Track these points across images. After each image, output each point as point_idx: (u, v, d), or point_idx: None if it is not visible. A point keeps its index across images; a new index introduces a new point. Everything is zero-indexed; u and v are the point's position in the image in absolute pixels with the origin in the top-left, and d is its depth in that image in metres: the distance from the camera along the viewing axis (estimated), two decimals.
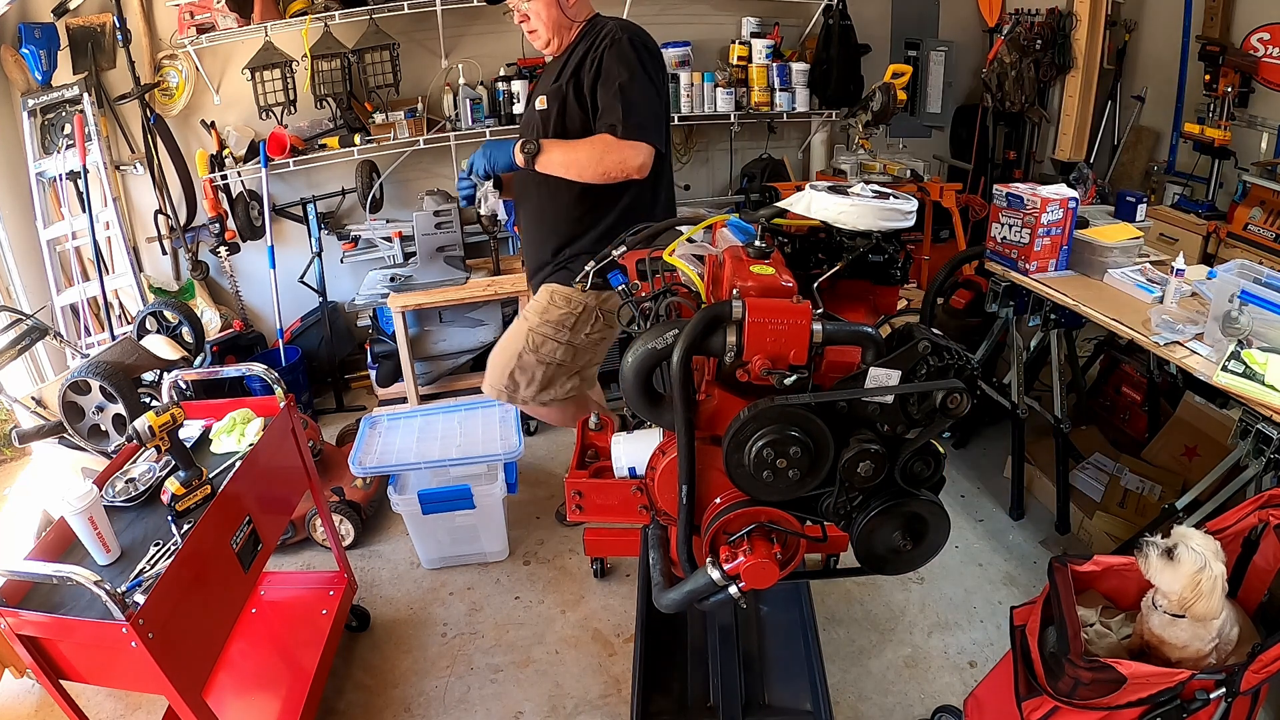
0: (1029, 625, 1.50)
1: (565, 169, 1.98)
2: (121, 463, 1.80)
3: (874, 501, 1.24)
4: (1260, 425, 1.76)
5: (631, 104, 1.94)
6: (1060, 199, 2.21)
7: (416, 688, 2.12)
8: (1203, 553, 1.34)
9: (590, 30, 2.08)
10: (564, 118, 2.06)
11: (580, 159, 1.97)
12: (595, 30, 2.05)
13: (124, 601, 1.28)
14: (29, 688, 2.13)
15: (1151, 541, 1.37)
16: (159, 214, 3.41)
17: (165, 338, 2.38)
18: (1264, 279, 1.90)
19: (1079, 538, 2.55)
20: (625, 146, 1.93)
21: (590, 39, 2.04)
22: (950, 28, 4.26)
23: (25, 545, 1.67)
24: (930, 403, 1.16)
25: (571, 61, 2.05)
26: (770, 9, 3.85)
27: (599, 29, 2.05)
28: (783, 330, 1.18)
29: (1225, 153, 3.23)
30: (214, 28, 3.20)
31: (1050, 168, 4.14)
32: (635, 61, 1.97)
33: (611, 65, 1.95)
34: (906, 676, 2.09)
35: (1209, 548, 1.36)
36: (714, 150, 4.18)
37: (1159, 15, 3.74)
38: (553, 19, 2.06)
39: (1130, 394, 2.90)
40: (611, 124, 1.94)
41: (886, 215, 1.58)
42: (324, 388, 3.73)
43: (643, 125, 1.95)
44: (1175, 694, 1.28)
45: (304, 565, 2.61)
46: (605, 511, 1.61)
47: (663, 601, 1.44)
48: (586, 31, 2.08)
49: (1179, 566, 1.33)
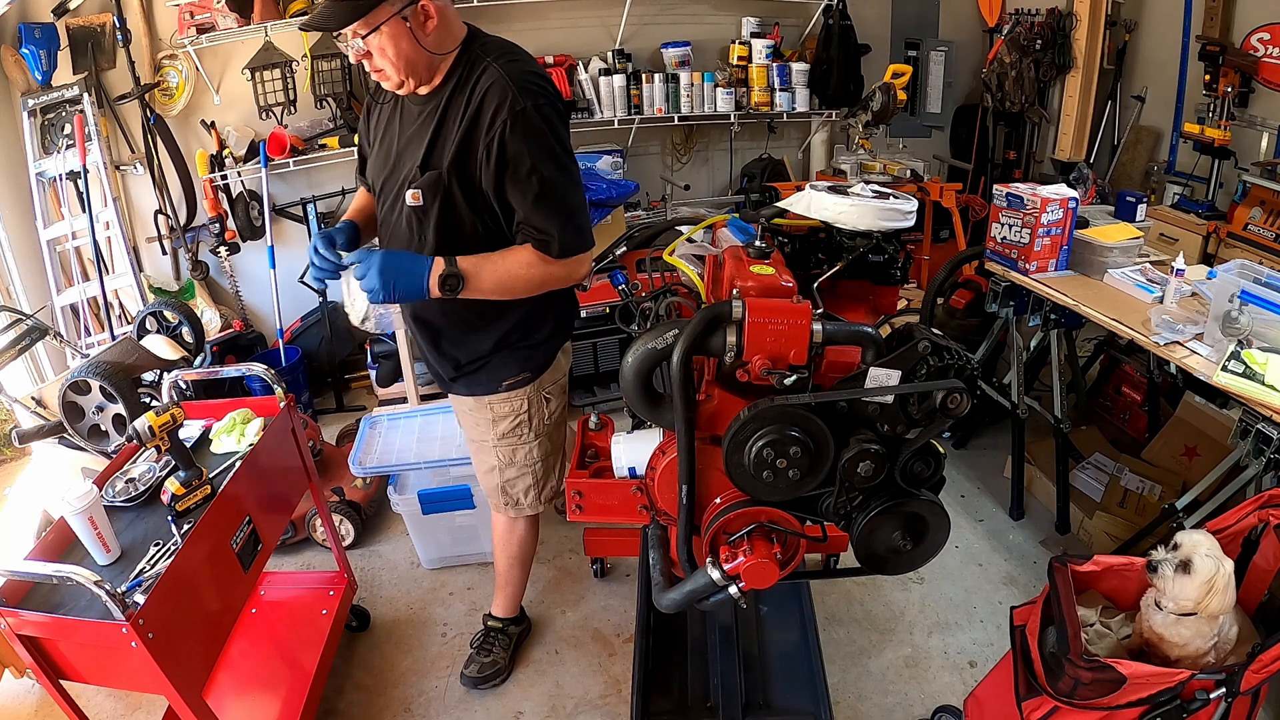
0: (1029, 625, 1.50)
1: (496, 295, 1.57)
2: (121, 463, 1.80)
3: (874, 501, 1.24)
4: (1260, 425, 1.76)
5: (565, 209, 1.51)
6: (1060, 199, 2.21)
7: (416, 688, 2.12)
8: (1215, 556, 1.34)
9: (466, 71, 1.51)
10: (449, 218, 1.54)
11: (517, 288, 1.57)
12: (472, 75, 1.50)
13: (124, 601, 1.28)
14: (29, 688, 2.13)
15: (1164, 559, 1.37)
16: (159, 214, 3.41)
17: (165, 338, 2.38)
18: (1264, 279, 1.90)
19: (1079, 538, 2.55)
20: (567, 264, 1.55)
21: (467, 90, 1.49)
22: (950, 28, 4.26)
23: (25, 545, 1.67)
24: (930, 403, 1.16)
25: (448, 126, 1.51)
26: (770, 9, 3.85)
27: (476, 73, 1.50)
28: (783, 330, 1.18)
29: (1225, 153, 3.23)
30: (214, 28, 3.20)
31: (1050, 168, 4.14)
32: (552, 143, 1.49)
33: (521, 154, 1.46)
34: (906, 676, 2.09)
35: (1215, 547, 1.36)
36: (714, 150, 4.18)
37: (1159, 15, 3.74)
38: (404, 56, 1.45)
39: (1130, 394, 2.91)
40: (544, 241, 1.51)
41: (886, 215, 1.58)
42: (324, 388, 3.73)
43: (581, 229, 1.55)
44: (1175, 694, 1.28)
45: (304, 565, 2.61)
46: (605, 511, 1.62)
47: (663, 601, 1.44)
48: (460, 73, 1.52)
49: (1195, 576, 1.33)
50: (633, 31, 3.71)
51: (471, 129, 1.48)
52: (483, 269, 1.51)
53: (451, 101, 1.51)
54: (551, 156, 1.49)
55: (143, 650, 1.31)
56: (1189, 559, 1.35)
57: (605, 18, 3.66)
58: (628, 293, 1.74)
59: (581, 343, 3.31)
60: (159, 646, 1.34)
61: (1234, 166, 3.24)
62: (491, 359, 1.74)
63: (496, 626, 2.14)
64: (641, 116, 3.69)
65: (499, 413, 1.82)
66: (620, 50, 3.68)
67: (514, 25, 3.52)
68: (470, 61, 1.52)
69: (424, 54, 1.47)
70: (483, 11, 3.37)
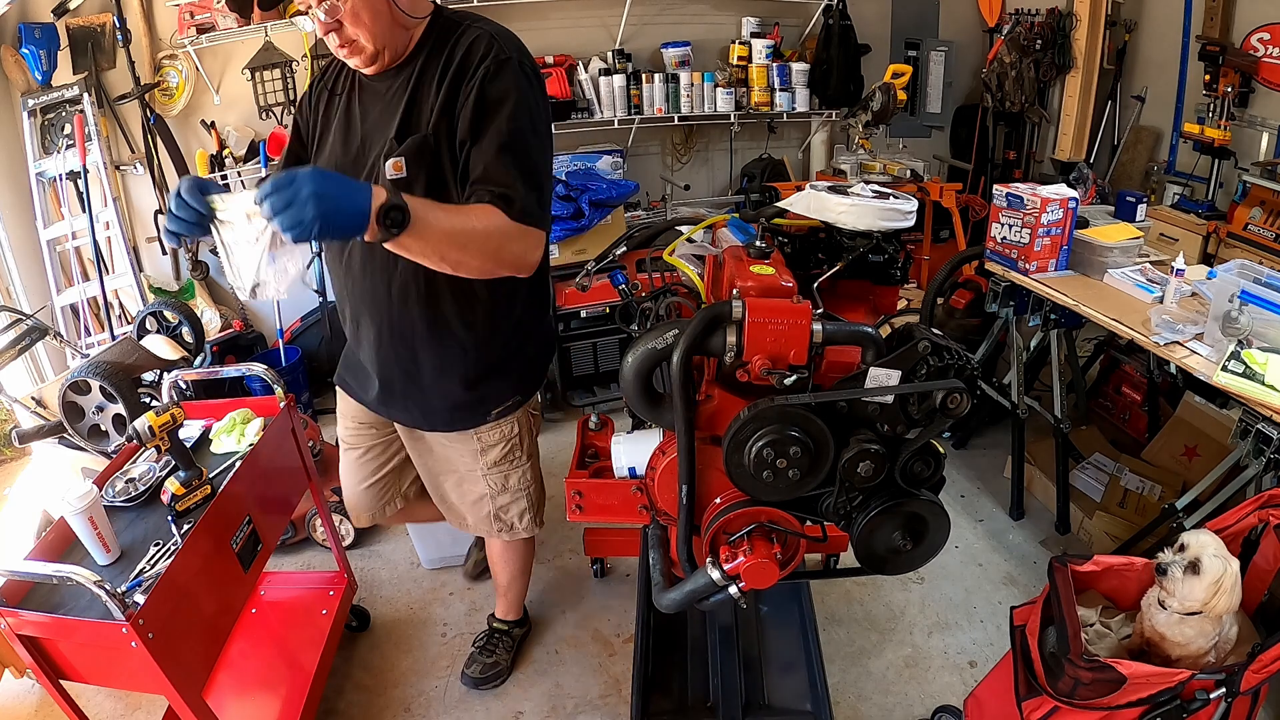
0: (1029, 625, 1.50)
1: (441, 254, 1.24)
2: (121, 463, 1.80)
3: (874, 501, 1.24)
4: (1260, 425, 1.76)
5: (531, 169, 1.33)
6: (1060, 199, 2.21)
7: (416, 688, 2.12)
8: (1222, 556, 1.34)
9: (441, 35, 1.39)
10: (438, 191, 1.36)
11: (470, 246, 1.26)
12: (449, 34, 1.38)
13: (124, 601, 1.28)
14: (29, 688, 2.13)
15: (1174, 560, 1.37)
16: (159, 214, 3.41)
17: (165, 338, 2.38)
18: (1264, 279, 1.90)
19: (1079, 538, 2.55)
20: (526, 234, 1.31)
21: (444, 51, 1.37)
22: (950, 28, 4.26)
23: (25, 545, 1.67)
24: (930, 403, 1.16)
25: (425, 90, 1.37)
26: (770, 9, 3.85)
27: (455, 30, 1.38)
28: (783, 330, 1.18)
29: (1225, 153, 3.23)
30: (214, 28, 3.20)
31: (1050, 168, 4.14)
32: (533, 102, 1.35)
33: (500, 101, 1.31)
34: (906, 676, 2.09)
35: (1221, 547, 1.36)
36: (714, 150, 4.18)
37: (1159, 15, 3.74)
38: (380, 22, 1.32)
39: (1130, 394, 2.91)
40: (506, 195, 1.28)
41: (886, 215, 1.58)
42: (324, 388, 3.73)
43: (542, 202, 1.35)
44: (1175, 694, 1.28)
45: (304, 565, 2.61)
46: (605, 511, 1.62)
47: (663, 601, 1.44)
48: (434, 38, 1.40)
49: (1204, 576, 1.33)
50: (633, 31, 3.71)
51: (455, 81, 1.33)
52: (433, 211, 1.19)
53: (427, 67, 1.38)
54: (529, 111, 1.34)
55: (143, 650, 1.31)
56: (1198, 559, 1.35)
57: (605, 18, 3.66)
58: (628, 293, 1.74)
59: (581, 343, 3.31)
60: (159, 646, 1.34)
61: (1234, 166, 3.24)
62: (482, 385, 1.59)
63: (502, 629, 2.14)
64: (641, 116, 3.69)
65: (488, 441, 1.68)
66: (620, 50, 3.68)
67: (514, 25, 3.46)
68: (444, 27, 1.40)
69: (400, 18, 1.34)
70: (482, 11, 3.37)
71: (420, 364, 1.56)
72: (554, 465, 3.08)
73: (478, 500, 1.79)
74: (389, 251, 1.23)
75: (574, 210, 3.14)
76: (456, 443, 1.69)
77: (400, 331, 1.53)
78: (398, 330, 1.53)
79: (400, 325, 1.52)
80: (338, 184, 1.11)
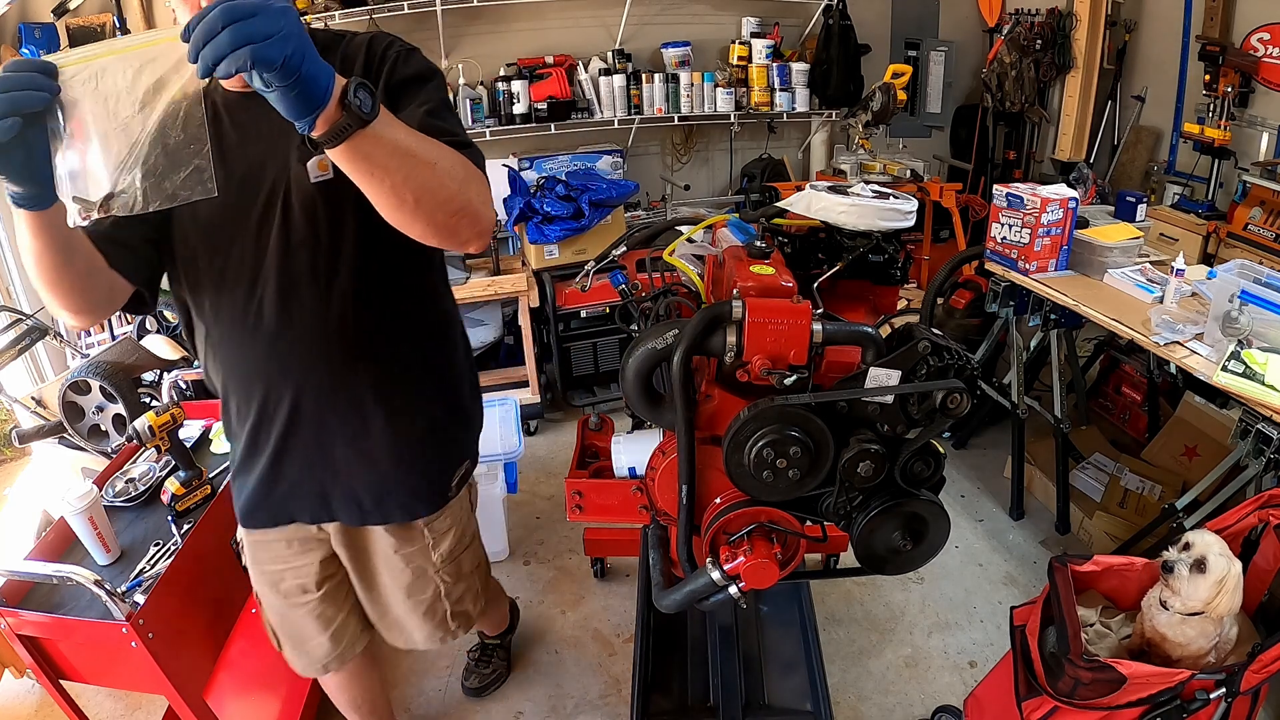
0: (1029, 625, 1.50)
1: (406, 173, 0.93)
2: (121, 463, 1.80)
3: (874, 501, 1.24)
4: (1260, 425, 1.76)
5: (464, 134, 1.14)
6: (1060, 199, 2.21)
7: (416, 688, 2.12)
8: (1226, 555, 1.35)
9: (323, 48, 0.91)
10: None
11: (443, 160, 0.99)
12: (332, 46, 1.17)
13: (124, 601, 1.28)
14: (29, 688, 2.13)
15: (1179, 559, 1.37)
16: None
17: (165, 338, 2.38)
18: (1264, 279, 1.90)
19: (1079, 538, 2.55)
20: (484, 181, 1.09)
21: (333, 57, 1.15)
22: (950, 28, 4.26)
23: (25, 545, 1.67)
24: (930, 403, 1.16)
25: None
26: (770, 9, 3.85)
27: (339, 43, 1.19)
28: (783, 330, 1.18)
29: (1225, 153, 3.23)
30: None
31: (1050, 168, 4.14)
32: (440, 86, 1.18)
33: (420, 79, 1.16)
34: (906, 676, 2.09)
35: (1225, 547, 1.36)
36: (714, 150, 4.18)
37: (1159, 15, 3.74)
38: None
39: (1130, 394, 2.91)
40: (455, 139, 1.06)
41: (886, 215, 1.58)
42: None
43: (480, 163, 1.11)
44: (1175, 694, 1.28)
45: None
46: (605, 511, 1.62)
47: (663, 601, 1.44)
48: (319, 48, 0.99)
49: (1209, 575, 1.33)
50: (633, 31, 3.71)
51: (365, 74, 1.13)
52: (395, 120, 0.94)
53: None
54: (446, 91, 1.19)
55: (143, 650, 1.32)
56: (1203, 558, 1.35)
57: (605, 18, 3.66)
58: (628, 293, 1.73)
59: (581, 343, 3.31)
60: (159, 646, 1.34)
61: (1234, 166, 3.24)
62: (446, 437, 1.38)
63: (494, 643, 2.14)
64: (641, 116, 3.69)
65: (439, 531, 1.42)
66: (620, 50, 3.68)
67: (514, 25, 3.52)
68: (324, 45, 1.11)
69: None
70: (482, 11, 3.37)
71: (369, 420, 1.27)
72: (554, 465, 3.08)
73: (430, 606, 1.49)
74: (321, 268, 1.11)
75: (574, 210, 3.14)
76: (403, 546, 1.41)
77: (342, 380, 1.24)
78: (339, 381, 1.24)
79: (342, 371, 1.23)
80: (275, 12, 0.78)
